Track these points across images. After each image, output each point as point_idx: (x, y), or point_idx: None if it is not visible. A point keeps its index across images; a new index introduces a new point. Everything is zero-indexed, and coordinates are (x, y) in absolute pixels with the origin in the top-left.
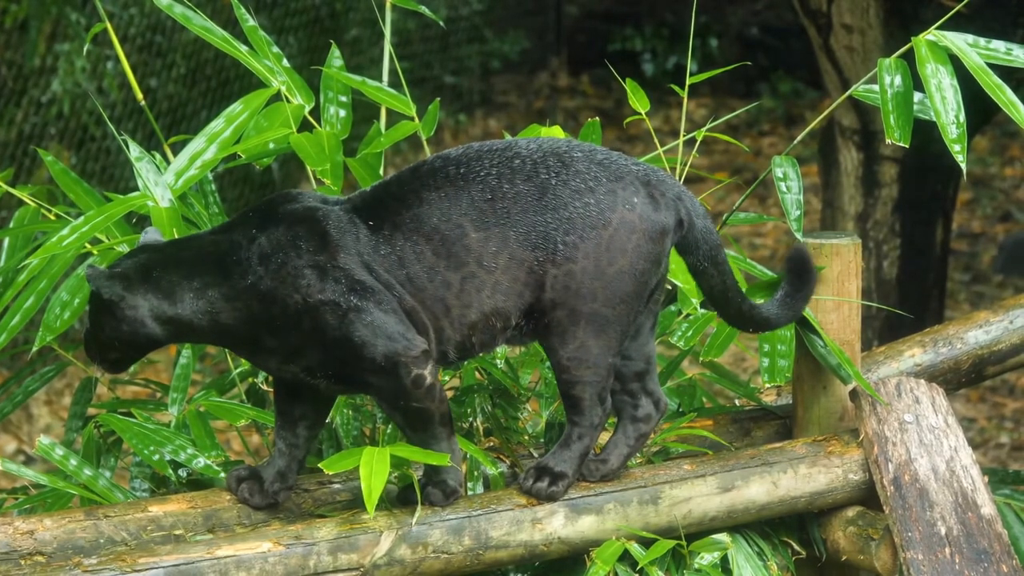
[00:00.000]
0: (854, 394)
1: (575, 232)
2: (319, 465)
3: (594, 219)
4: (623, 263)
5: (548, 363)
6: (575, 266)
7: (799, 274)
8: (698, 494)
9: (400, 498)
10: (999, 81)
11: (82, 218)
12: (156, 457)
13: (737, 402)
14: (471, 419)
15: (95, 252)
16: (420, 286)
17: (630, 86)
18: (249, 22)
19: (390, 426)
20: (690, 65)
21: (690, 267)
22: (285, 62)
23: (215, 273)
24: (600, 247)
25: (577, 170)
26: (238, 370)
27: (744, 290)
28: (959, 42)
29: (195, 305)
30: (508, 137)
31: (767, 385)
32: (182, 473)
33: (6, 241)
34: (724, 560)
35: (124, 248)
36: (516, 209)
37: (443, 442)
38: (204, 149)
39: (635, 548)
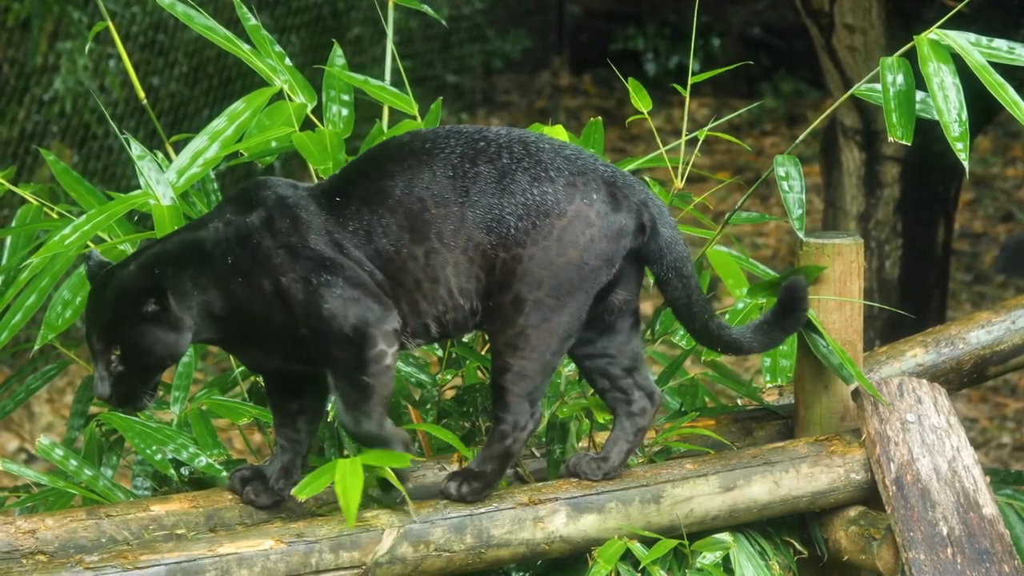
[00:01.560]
0: (856, 394)
1: (528, 218)
2: (292, 492)
3: (549, 208)
4: (573, 255)
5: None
6: (523, 251)
7: (788, 307)
8: (700, 493)
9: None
10: (1001, 80)
11: (84, 217)
12: (158, 456)
13: (739, 401)
14: (473, 418)
15: (98, 251)
16: (388, 258)
17: (632, 85)
18: (251, 21)
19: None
20: (692, 65)
21: (656, 277)
22: (287, 61)
23: (202, 261)
24: (552, 236)
25: (540, 159)
26: (240, 369)
27: (746, 290)
28: (961, 41)
29: (196, 296)
30: None
31: (769, 385)
32: (184, 472)
33: (8, 240)
34: (726, 559)
35: (127, 247)
36: (475, 189)
37: (374, 420)
38: (206, 147)
39: (637, 547)
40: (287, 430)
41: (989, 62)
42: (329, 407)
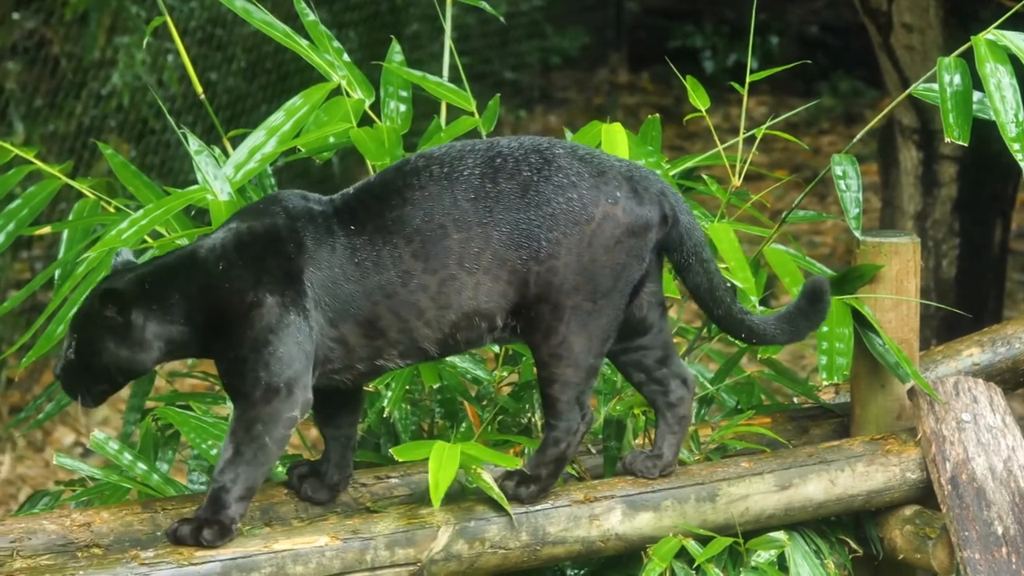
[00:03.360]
0: (912, 393)
1: (558, 228)
2: (391, 451)
3: (577, 214)
4: (606, 258)
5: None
6: (558, 262)
7: (812, 299)
8: (755, 491)
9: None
10: None
11: (141, 211)
12: (214, 451)
13: (795, 400)
14: (529, 415)
15: (155, 245)
16: (390, 292)
17: (690, 83)
18: (309, 16)
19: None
20: (750, 63)
21: (676, 264)
22: (345, 57)
23: (195, 271)
24: (583, 242)
25: (559, 166)
26: None
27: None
28: (1018, 41)
29: (182, 308)
30: (569, 133)
31: (825, 383)
32: None
33: (65, 233)
34: (781, 558)
35: (184, 242)
36: (499, 208)
37: (239, 474)
38: (264, 143)
39: (692, 545)
40: (329, 428)
41: None
42: (387, 402)
